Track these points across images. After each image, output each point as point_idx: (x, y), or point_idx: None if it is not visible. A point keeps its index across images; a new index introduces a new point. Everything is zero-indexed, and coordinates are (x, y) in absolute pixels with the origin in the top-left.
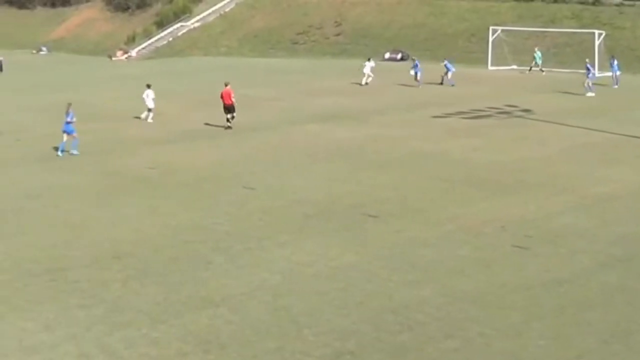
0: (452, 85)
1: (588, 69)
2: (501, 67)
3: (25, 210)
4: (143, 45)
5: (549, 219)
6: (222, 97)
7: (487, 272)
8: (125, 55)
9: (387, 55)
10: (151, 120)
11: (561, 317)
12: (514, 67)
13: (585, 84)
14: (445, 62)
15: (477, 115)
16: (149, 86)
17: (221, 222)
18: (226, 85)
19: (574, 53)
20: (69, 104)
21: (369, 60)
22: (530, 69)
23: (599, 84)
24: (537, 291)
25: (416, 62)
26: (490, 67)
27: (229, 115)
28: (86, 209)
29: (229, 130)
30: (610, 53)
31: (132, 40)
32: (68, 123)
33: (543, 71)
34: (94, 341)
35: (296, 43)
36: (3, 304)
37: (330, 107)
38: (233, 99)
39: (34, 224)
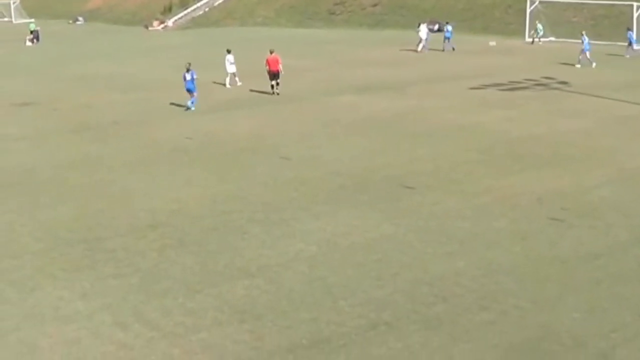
0: (442, 50)
1: (583, 41)
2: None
3: (62, 180)
4: (179, 15)
5: (585, 192)
6: (268, 63)
7: (522, 244)
8: (162, 26)
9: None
10: (240, 83)
11: (596, 291)
12: (552, 39)
13: (581, 56)
14: (447, 26)
15: (513, 87)
16: (229, 51)
17: (257, 192)
18: (271, 52)
19: (611, 25)
20: (189, 63)
21: (419, 25)
22: (532, 41)
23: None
24: (573, 264)
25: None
26: (527, 39)
27: (274, 82)
28: (123, 179)
29: (272, 97)
30: None
31: (168, 10)
32: (188, 82)
33: (533, 42)
34: (130, 310)
35: (333, 13)
36: (40, 273)
37: (366, 78)
38: (280, 66)
39: (71, 194)
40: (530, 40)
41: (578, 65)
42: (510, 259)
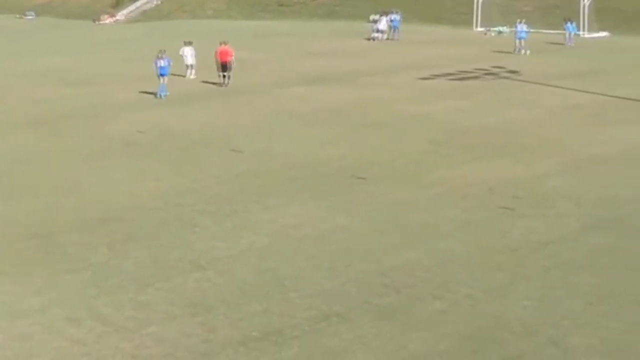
0: (387, 39)
1: (516, 28)
2: (489, 28)
3: (13, 175)
4: (130, 9)
5: (536, 181)
6: (218, 55)
7: (474, 234)
8: (113, 19)
9: (374, 17)
10: (194, 77)
11: (547, 279)
12: (491, 29)
13: (521, 42)
14: (393, 15)
15: (464, 76)
16: (188, 43)
17: (209, 185)
18: (222, 44)
19: (562, 15)
20: (162, 50)
21: (385, 15)
22: (486, 33)
23: (586, 44)
24: (524, 253)
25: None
26: (478, 29)
27: (224, 73)
28: (74, 173)
29: (223, 89)
30: (598, 15)
31: (119, 4)
32: (163, 67)
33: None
34: (82, 305)
35: (283, 5)
36: None
37: (318, 69)
38: (231, 58)
39: (22, 189)
40: (484, 30)
41: (528, 52)
42: (462, 248)
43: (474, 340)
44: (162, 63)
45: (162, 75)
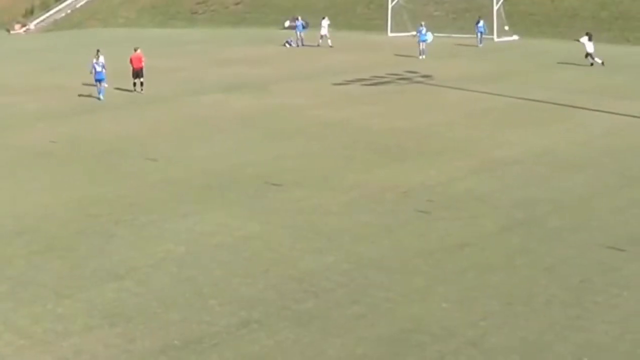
0: (290, 45)
1: (419, 32)
2: (401, 33)
3: None
4: (42, 18)
5: (450, 184)
6: (131, 61)
7: (390, 237)
8: (24, 29)
9: (287, 24)
10: (106, 85)
11: (464, 281)
12: (414, 33)
13: (420, 48)
14: (297, 23)
15: (377, 82)
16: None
17: (125, 194)
18: (135, 50)
19: (473, 18)
20: (98, 50)
21: (323, 18)
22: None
23: (497, 47)
24: (440, 255)
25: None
26: (390, 34)
27: (137, 80)
28: None
29: (137, 97)
30: (509, 19)
31: (30, 13)
32: (98, 72)
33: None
34: (0, 319)
35: (195, 13)
36: None
37: (232, 77)
38: (143, 64)
39: None
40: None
41: (424, 56)
42: (378, 252)
43: (393, 344)
44: (98, 68)
45: (97, 80)
